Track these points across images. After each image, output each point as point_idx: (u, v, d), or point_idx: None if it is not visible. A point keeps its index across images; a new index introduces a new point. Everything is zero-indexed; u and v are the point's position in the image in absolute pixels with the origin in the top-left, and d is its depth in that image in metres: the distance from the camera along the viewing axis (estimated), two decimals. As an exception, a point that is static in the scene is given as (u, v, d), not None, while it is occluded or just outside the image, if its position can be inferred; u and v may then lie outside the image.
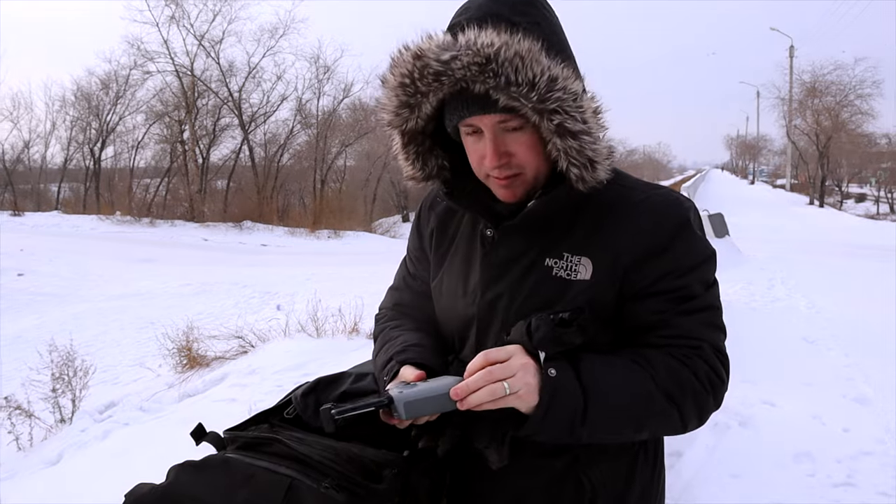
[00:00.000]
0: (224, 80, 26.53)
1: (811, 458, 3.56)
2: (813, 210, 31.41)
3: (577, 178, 1.06)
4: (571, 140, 1.04)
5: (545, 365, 0.99)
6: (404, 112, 1.11)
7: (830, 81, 33.62)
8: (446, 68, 1.01)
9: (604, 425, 1.02)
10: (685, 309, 1.09)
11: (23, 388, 5.32)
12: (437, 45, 1.02)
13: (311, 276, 12.16)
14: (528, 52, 1.00)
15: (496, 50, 0.99)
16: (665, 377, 1.05)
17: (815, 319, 7.09)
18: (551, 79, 1.01)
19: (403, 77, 1.06)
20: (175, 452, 1.18)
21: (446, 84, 1.03)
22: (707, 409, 1.09)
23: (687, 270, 1.09)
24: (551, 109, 1.01)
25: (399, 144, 1.19)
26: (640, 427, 1.05)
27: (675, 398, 1.05)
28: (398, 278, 1.43)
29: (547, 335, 0.99)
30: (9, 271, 12.26)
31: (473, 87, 1.02)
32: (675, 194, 1.15)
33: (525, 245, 1.15)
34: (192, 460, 0.99)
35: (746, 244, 12.55)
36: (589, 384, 1.00)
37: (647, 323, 1.10)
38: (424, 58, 1.02)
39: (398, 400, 1.00)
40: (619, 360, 1.06)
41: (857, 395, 4.65)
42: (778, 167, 64.42)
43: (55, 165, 29.97)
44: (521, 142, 1.08)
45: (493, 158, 1.07)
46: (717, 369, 1.09)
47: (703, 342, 1.09)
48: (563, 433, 1.00)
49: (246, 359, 5.99)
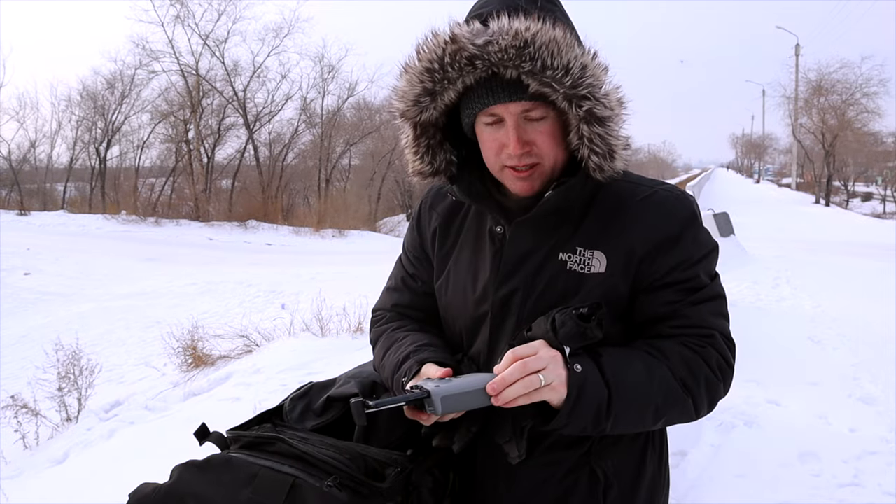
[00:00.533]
0: (229, 80, 26.59)
1: (817, 457, 3.54)
2: (819, 209, 31.31)
3: (595, 166, 1.09)
4: (598, 126, 1.06)
5: (571, 361, 1.01)
6: (424, 100, 1.12)
7: (836, 80, 33.60)
8: (482, 52, 1.03)
9: (627, 416, 1.05)
10: (695, 299, 1.12)
11: (29, 387, 5.36)
12: (469, 31, 1.04)
13: (316, 276, 12.17)
14: (563, 39, 1.03)
15: (533, 35, 1.01)
16: (680, 367, 1.08)
17: (820, 319, 7.06)
18: (583, 66, 1.04)
19: (432, 62, 1.07)
20: (180, 451, 1.19)
21: (479, 69, 1.05)
22: (718, 395, 1.13)
23: (696, 261, 1.13)
24: (581, 95, 1.04)
25: (410, 137, 1.19)
26: (658, 416, 1.08)
27: (689, 387, 1.08)
28: (395, 279, 1.41)
29: (572, 330, 1.01)
30: (16, 270, 12.32)
31: (505, 73, 1.04)
32: (678, 190, 1.19)
33: (537, 240, 1.16)
34: (195, 460, 1.00)
35: (752, 243, 12.50)
36: (611, 378, 1.03)
37: (658, 314, 1.13)
38: (459, 41, 1.03)
39: (436, 394, 0.99)
40: (636, 352, 1.09)
41: (863, 395, 4.64)
42: (783, 166, 64.23)
43: (61, 165, 30.14)
44: (541, 131, 1.10)
45: (517, 146, 1.08)
46: (726, 357, 1.13)
47: (713, 331, 1.12)
48: (588, 425, 1.02)
49: (251, 358, 6.00)
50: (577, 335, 1.01)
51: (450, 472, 1.13)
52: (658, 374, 1.06)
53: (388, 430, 1.14)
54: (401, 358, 1.19)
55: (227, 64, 26.33)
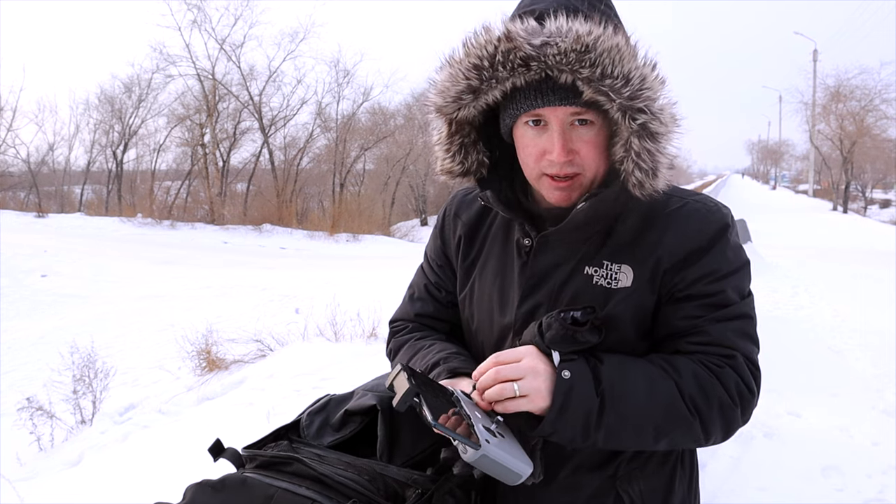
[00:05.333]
0: (245, 84, 26.79)
1: (840, 471, 3.47)
2: (836, 216, 30.95)
3: (637, 182, 1.03)
4: (649, 142, 1.00)
5: (560, 366, 0.96)
6: (466, 98, 1.06)
7: (855, 86, 33.16)
8: (539, 53, 0.97)
9: (620, 430, 0.98)
10: (719, 316, 1.05)
11: (45, 389, 5.38)
12: (524, 28, 0.98)
13: (330, 280, 12.16)
14: (626, 47, 0.97)
15: (595, 39, 0.95)
16: (690, 385, 1.01)
17: (840, 328, 6.95)
18: (643, 77, 0.98)
19: (481, 59, 1.01)
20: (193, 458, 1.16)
21: (534, 70, 0.99)
22: (734, 423, 1.05)
23: (723, 276, 1.06)
24: (638, 108, 0.98)
25: (444, 133, 1.14)
26: (659, 436, 1.01)
27: (699, 408, 1.01)
28: (418, 287, 1.36)
29: (558, 333, 0.97)
30: (33, 272, 12.42)
31: (559, 77, 0.99)
32: (713, 201, 1.13)
33: (563, 254, 1.12)
34: (209, 480, 0.96)
35: (769, 251, 12.35)
36: (607, 387, 0.97)
37: (678, 328, 1.07)
38: (515, 40, 0.98)
39: (482, 450, 0.88)
40: (644, 363, 1.03)
41: (886, 407, 4.54)
42: (800, 172, 63.68)
43: (78, 168, 30.49)
44: (586, 140, 1.04)
45: (561, 153, 1.03)
46: (748, 381, 1.05)
47: (736, 352, 1.05)
48: (576, 436, 0.97)
49: (264, 362, 5.99)
50: (566, 339, 0.97)
51: (472, 492, 1.09)
52: (661, 390, 0.99)
53: (413, 444, 1.10)
54: (429, 364, 1.15)
55: (243, 68, 26.56)
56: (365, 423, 1.14)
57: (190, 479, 1.00)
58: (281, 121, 28.07)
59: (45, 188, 29.07)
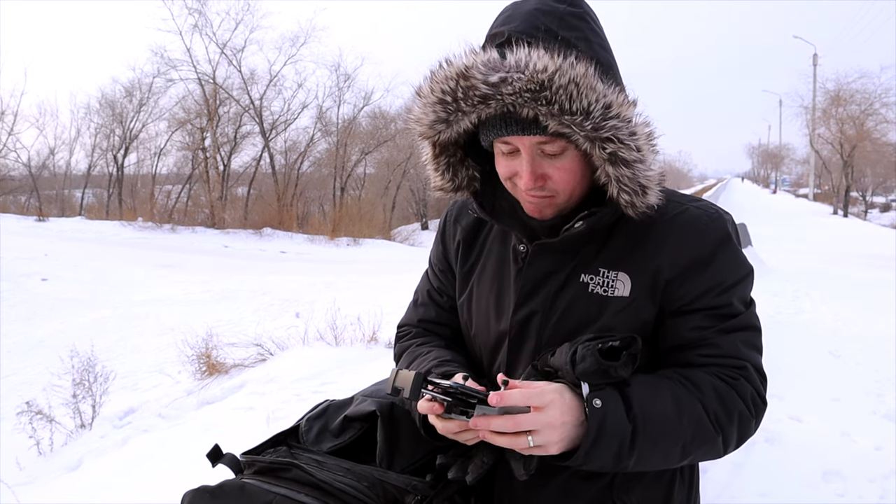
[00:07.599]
0: (245, 88, 26.79)
1: (841, 476, 3.46)
2: (837, 220, 30.94)
3: (627, 203, 1.02)
4: (624, 169, 0.99)
5: (589, 397, 0.94)
6: (440, 126, 1.05)
7: (855, 90, 33.13)
8: (495, 91, 0.95)
9: (651, 454, 0.97)
10: (727, 327, 1.05)
11: (44, 393, 5.36)
12: (484, 63, 0.96)
13: (330, 284, 12.16)
14: (583, 78, 0.94)
15: (550, 76, 0.93)
16: (713, 401, 1.00)
17: (841, 332, 6.94)
18: (606, 106, 0.96)
19: (444, 94, 1.00)
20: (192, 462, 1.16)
21: (493, 106, 0.97)
22: (748, 433, 1.06)
23: (729, 286, 1.06)
24: (605, 138, 0.96)
25: (430, 155, 1.15)
26: (685, 454, 1.00)
27: (721, 423, 1.01)
28: (422, 293, 1.36)
29: (591, 367, 0.94)
30: (33, 276, 12.41)
31: (521, 111, 0.97)
32: (713, 207, 1.11)
33: (559, 261, 1.11)
34: (207, 486, 0.96)
35: (770, 255, 12.34)
36: (638, 412, 0.95)
37: (688, 341, 1.06)
38: (471, 78, 0.96)
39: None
40: (667, 382, 1.01)
41: (887, 412, 4.53)
42: (800, 176, 63.70)
43: (79, 171, 30.47)
44: (558, 166, 1.03)
45: (529, 181, 1.03)
46: (760, 392, 1.06)
47: (746, 363, 1.05)
48: (608, 464, 0.95)
49: (264, 366, 5.98)
50: (598, 373, 0.94)
51: (471, 498, 1.09)
52: (689, 409, 0.98)
53: (412, 450, 1.10)
54: (423, 370, 1.14)
55: (243, 72, 26.55)
56: (364, 430, 1.13)
57: (189, 483, 1.00)
58: (282, 125, 28.10)
59: (45, 192, 29.07)
